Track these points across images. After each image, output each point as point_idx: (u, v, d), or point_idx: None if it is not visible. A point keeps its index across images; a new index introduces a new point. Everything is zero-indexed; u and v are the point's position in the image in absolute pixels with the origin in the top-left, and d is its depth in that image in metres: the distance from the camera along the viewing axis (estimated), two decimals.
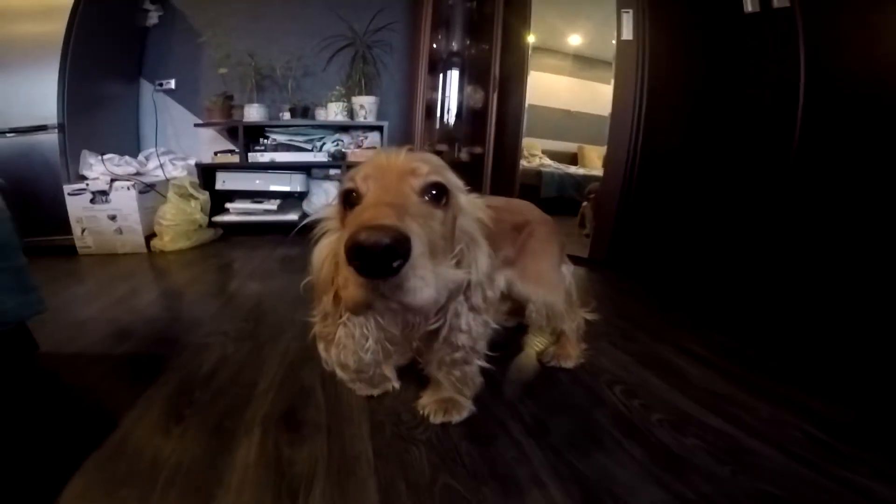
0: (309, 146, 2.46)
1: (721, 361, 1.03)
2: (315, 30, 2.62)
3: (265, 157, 2.42)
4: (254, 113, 2.43)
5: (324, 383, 0.91)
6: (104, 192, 2.04)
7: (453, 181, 0.54)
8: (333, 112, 2.44)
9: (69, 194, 2.02)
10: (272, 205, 2.49)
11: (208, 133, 2.61)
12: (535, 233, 0.91)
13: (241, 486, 0.61)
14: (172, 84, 2.64)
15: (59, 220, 2.05)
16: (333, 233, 0.54)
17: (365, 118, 2.47)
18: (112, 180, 2.05)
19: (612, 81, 1.81)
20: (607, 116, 1.90)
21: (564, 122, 3.20)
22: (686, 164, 1.63)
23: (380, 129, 2.53)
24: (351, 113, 2.48)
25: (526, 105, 2.22)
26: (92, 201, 2.04)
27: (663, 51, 1.65)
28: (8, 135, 1.96)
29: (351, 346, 0.60)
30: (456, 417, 0.78)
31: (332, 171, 2.57)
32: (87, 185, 2.03)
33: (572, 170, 2.94)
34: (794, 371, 1.00)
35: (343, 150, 2.49)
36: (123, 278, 1.78)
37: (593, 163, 3.10)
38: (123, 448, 0.69)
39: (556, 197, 2.97)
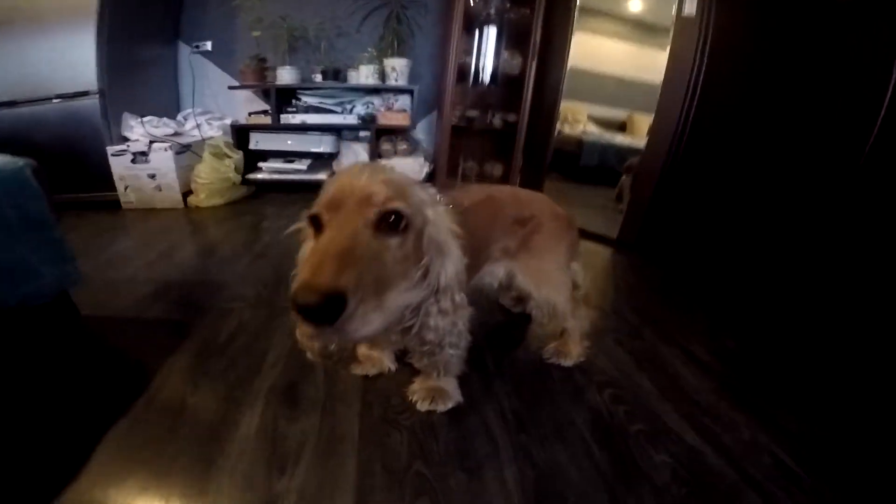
0: (339, 109, 2.51)
1: (723, 371, 1.05)
2: None
3: (296, 119, 2.51)
4: (286, 75, 2.50)
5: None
6: (144, 153, 2.21)
7: (416, 200, 0.56)
8: (365, 74, 2.46)
9: (112, 155, 2.22)
10: (303, 164, 2.61)
11: (244, 93, 2.71)
12: (542, 228, 0.93)
13: (239, 455, 0.73)
14: (209, 46, 2.73)
15: (105, 177, 2.27)
16: (309, 241, 0.60)
17: (396, 81, 2.47)
18: (151, 142, 2.21)
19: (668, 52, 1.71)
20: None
21: (615, 89, 3.02)
22: (737, 149, 1.54)
23: (410, 92, 2.52)
24: (382, 75, 2.48)
25: (567, 72, 2.13)
26: (133, 161, 2.23)
27: (727, 27, 1.53)
28: (54, 101, 2.13)
29: None
30: (440, 407, 0.86)
31: (362, 133, 2.62)
32: (128, 146, 2.21)
33: (618, 139, 2.80)
34: (791, 389, 0.99)
35: (373, 112, 2.52)
36: (161, 234, 1.98)
37: (643, 132, 2.95)
38: (146, 415, 0.84)
39: (597, 166, 2.86)
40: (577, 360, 1.03)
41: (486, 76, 2.43)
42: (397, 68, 2.46)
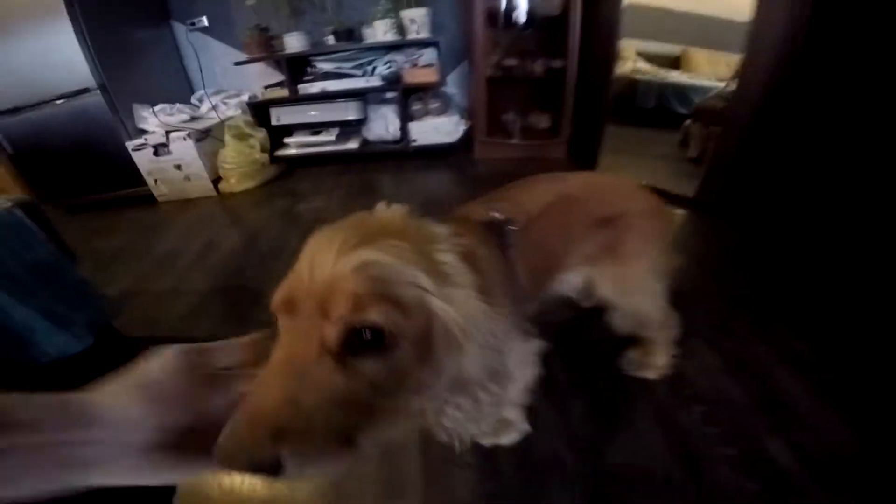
0: (359, 72, 2.35)
1: (822, 368, 0.92)
2: None
3: (315, 88, 2.39)
4: (294, 42, 2.34)
5: None
6: (164, 145, 2.20)
7: (412, 293, 0.37)
8: (381, 30, 2.25)
9: (133, 150, 2.23)
10: (331, 135, 2.53)
11: (255, 66, 2.59)
12: (632, 228, 0.76)
13: None
14: (205, 21, 2.56)
15: (132, 172, 2.31)
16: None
17: (417, 33, 2.25)
18: (167, 132, 2.18)
19: None
20: (722, 18, 1.64)
21: (666, 21, 2.70)
22: (860, 97, 1.26)
23: (435, 44, 2.31)
24: (401, 29, 2.27)
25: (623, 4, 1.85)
26: (156, 154, 2.24)
27: None
28: (57, 102, 2.11)
29: None
30: (505, 440, 0.81)
31: (389, 95, 2.46)
32: (146, 139, 2.21)
33: (674, 76, 2.50)
34: None
35: (397, 71, 2.34)
36: (197, 230, 2.01)
37: (701, 69, 2.62)
38: None
39: (655, 107, 2.59)
40: (663, 372, 0.94)
41: (521, 17, 2.15)
42: (417, 19, 2.23)
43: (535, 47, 2.22)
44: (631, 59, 2.56)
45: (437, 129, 2.44)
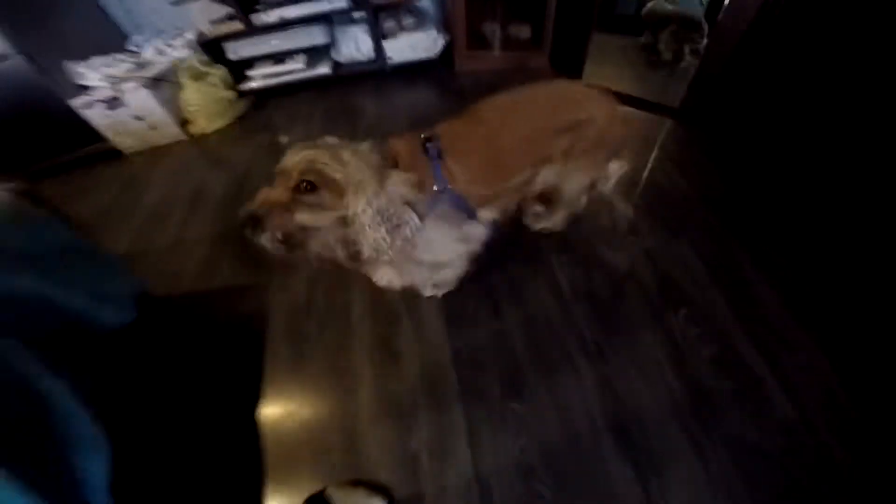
0: None
1: (793, 282, 1.13)
2: None
3: (271, 17, 2.27)
4: None
5: (408, 308, 1.18)
6: (115, 98, 2.14)
7: (328, 167, 0.77)
8: None
9: (82, 108, 2.16)
10: (299, 62, 2.47)
11: (197, 2, 2.41)
12: (591, 131, 0.96)
13: (371, 424, 0.94)
14: None
15: (88, 129, 2.25)
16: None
17: None
18: (115, 84, 2.11)
19: None
20: None
21: None
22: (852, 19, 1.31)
23: None
24: None
25: None
26: (109, 108, 2.17)
27: None
28: None
29: None
30: (428, 292, 1.17)
31: (357, 14, 2.38)
32: (92, 95, 2.13)
33: None
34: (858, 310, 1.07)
35: None
36: (180, 177, 2.08)
37: None
38: (277, 396, 1.03)
39: (636, 13, 2.54)
40: (554, 229, 1.27)
41: None
42: None
43: None
44: None
45: (414, 45, 2.41)
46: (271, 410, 1.03)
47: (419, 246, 0.91)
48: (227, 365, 1.14)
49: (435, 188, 0.88)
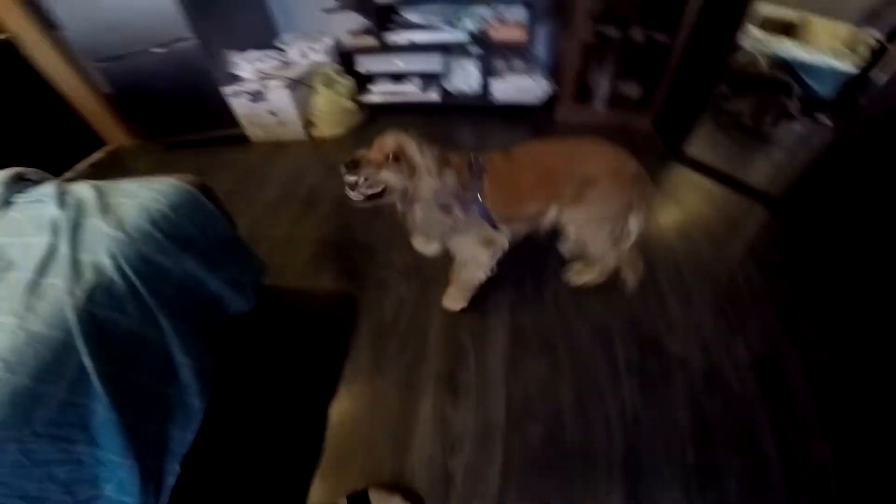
0: (447, 26, 2.51)
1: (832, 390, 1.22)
2: None
3: (402, 39, 2.58)
4: None
5: (474, 343, 1.41)
6: (260, 93, 2.54)
7: (410, 149, 1.09)
8: None
9: (230, 96, 2.59)
10: (414, 85, 2.77)
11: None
12: (599, 184, 1.20)
13: (423, 436, 1.17)
14: None
15: (228, 115, 2.70)
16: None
17: None
18: (262, 79, 2.51)
19: None
20: None
21: None
22: None
23: (527, 2, 2.39)
24: None
25: None
26: (252, 100, 2.57)
27: None
28: (156, 50, 2.40)
29: None
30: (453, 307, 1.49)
31: (473, 49, 2.62)
32: (242, 86, 2.55)
33: (785, 46, 2.46)
34: None
35: (483, 28, 2.49)
36: (296, 176, 2.42)
37: (819, 41, 2.54)
38: (348, 397, 1.28)
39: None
40: (589, 284, 1.50)
41: None
42: None
43: (638, 11, 2.28)
44: None
45: (519, 87, 2.62)
46: (340, 408, 1.28)
47: (451, 241, 1.31)
48: (312, 360, 1.41)
49: (470, 196, 1.18)
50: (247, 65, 2.58)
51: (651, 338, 1.39)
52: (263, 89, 2.54)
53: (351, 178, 1.08)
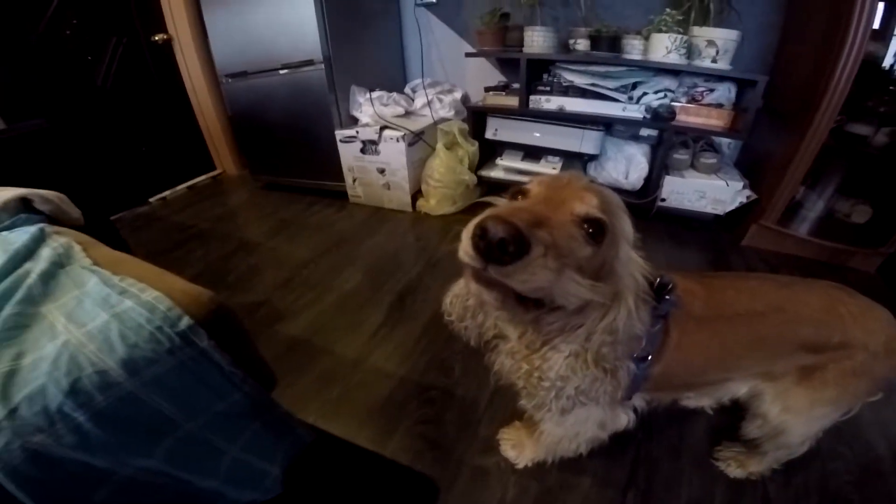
0: (620, 95, 1.98)
1: None
2: None
3: (552, 104, 2.10)
4: (538, 40, 2.06)
5: None
6: (374, 142, 2.19)
7: (620, 226, 0.57)
8: (661, 47, 1.82)
9: (341, 141, 2.28)
10: (553, 165, 2.24)
11: (476, 60, 2.43)
12: (847, 363, 0.76)
13: None
14: None
15: (334, 165, 2.38)
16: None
17: (714, 61, 1.79)
18: (382, 128, 2.16)
19: None
20: None
21: None
22: None
23: (736, 80, 1.84)
24: (690, 51, 1.84)
25: None
26: (362, 150, 2.25)
27: None
28: (281, 72, 2.24)
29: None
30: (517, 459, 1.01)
31: (646, 132, 2.05)
32: (357, 132, 2.21)
33: None
34: None
35: (670, 105, 1.93)
36: (391, 262, 1.96)
37: None
38: None
39: None
40: (753, 477, 1.01)
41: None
42: (718, 42, 1.77)
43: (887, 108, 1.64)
44: None
45: (702, 192, 1.98)
46: None
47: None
48: None
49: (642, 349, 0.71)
50: (368, 107, 2.25)
51: None
52: (378, 139, 2.18)
53: (492, 268, 0.46)
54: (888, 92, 1.66)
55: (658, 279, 0.69)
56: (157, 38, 2.62)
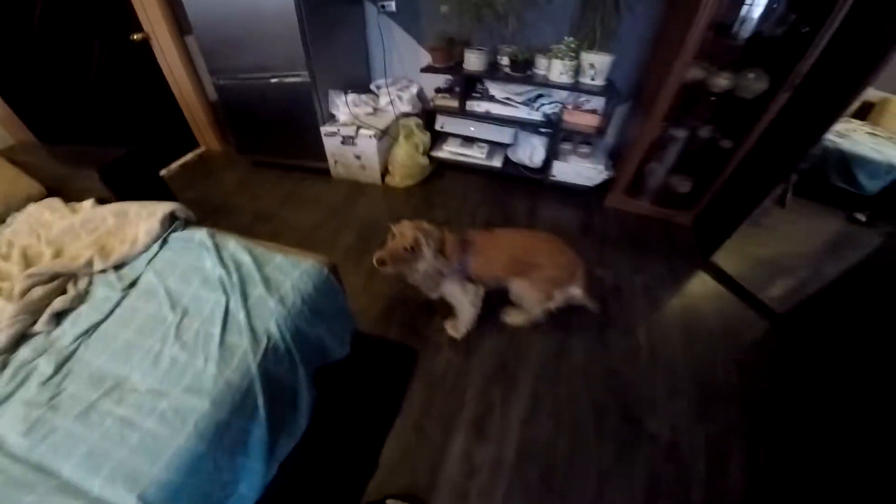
0: (526, 106, 2.89)
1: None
2: None
3: (481, 108, 2.96)
4: (473, 60, 2.82)
5: (502, 402, 1.81)
6: (352, 138, 2.98)
7: (422, 241, 1.62)
8: (557, 70, 2.65)
9: (325, 135, 3.04)
10: (481, 151, 3.17)
11: (428, 59, 3.07)
12: (542, 267, 1.81)
13: (452, 463, 1.59)
14: (393, 6, 3.04)
15: (319, 149, 3.15)
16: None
17: (593, 80, 2.62)
18: (357, 127, 2.94)
19: None
20: None
21: None
22: None
23: (607, 94, 2.66)
24: (577, 70, 2.65)
25: None
26: (342, 143, 3.02)
27: None
28: (272, 80, 2.82)
29: None
30: (452, 329, 2.06)
31: (544, 129, 3.00)
32: (338, 130, 2.98)
33: (842, 144, 2.50)
34: None
35: (559, 113, 2.85)
36: (371, 222, 2.84)
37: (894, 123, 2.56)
38: (404, 426, 1.69)
39: (809, 171, 2.61)
40: (518, 324, 2.06)
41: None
42: (597, 65, 2.57)
43: (710, 117, 2.55)
44: None
45: (579, 172, 2.98)
46: (395, 435, 1.69)
47: (445, 291, 1.86)
48: (379, 396, 1.82)
49: (457, 264, 1.74)
50: (344, 107, 2.99)
51: (635, 415, 1.78)
52: (355, 135, 2.97)
53: (383, 266, 1.62)
54: (705, 104, 2.55)
55: (463, 237, 1.77)
56: (135, 36, 3.05)
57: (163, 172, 3.41)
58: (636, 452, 1.66)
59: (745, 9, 2.24)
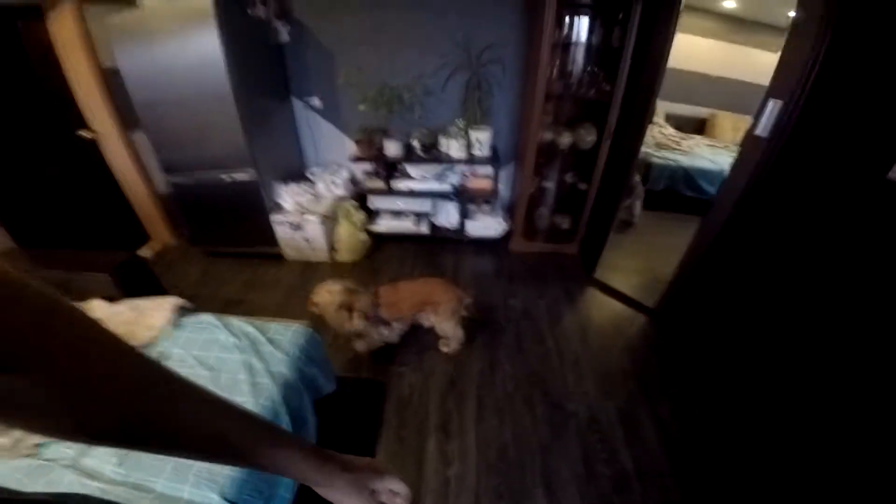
0: (437, 181, 3.68)
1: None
2: (432, 48, 3.34)
3: (404, 186, 3.69)
4: (392, 148, 3.54)
5: (457, 408, 2.40)
6: (299, 225, 3.56)
7: (355, 299, 2.33)
8: (455, 148, 3.43)
9: (275, 224, 3.58)
10: (410, 221, 3.88)
11: (352, 145, 3.76)
12: (441, 304, 2.47)
13: (430, 458, 2.15)
14: (316, 102, 3.63)
15: (271, 235, 3.64)
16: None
17: (480, 151, 3.44)
18: (303, 213, 3.54)
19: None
20: (754, 83, 2.11)
21: (700, 86, 3.40)
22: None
23: (493, 162, 3.49)
24: (469, 144, 3.44)
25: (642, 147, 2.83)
26: (291, 228, 3.59)
27: None
28: (223, 177, 3.20)
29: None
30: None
31: (453, 196, 3.79)
32: (286, 218, 3.54)
33: (683, 160, 3.47)
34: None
35: (462, 182, 3.67)
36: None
37: (725, 134, 3.46)
38: (388, 435, 2.25)
39: (664, 190, 3.60)
40: (450, 352, 2.65)
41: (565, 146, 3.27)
42: (481, 139, 3.39)
43: (569, 167, 3.42)
44: (658, 126, 3.53)
45: (485, 226, 3.78)
46: (382, 444, 2.21)
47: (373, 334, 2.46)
48: (361, 420, 2.35)
49: (372, 314, 2.34)
50: (288, 198, 3.53)
51: (557, 401, 2.44)
52: (302, 221, 3.52)
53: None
54: (563, 157, 3.45)
55: (375, 290, 2.45)
56: (86, 135, 3.34)
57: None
58: (565, 429, 2.29)
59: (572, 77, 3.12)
